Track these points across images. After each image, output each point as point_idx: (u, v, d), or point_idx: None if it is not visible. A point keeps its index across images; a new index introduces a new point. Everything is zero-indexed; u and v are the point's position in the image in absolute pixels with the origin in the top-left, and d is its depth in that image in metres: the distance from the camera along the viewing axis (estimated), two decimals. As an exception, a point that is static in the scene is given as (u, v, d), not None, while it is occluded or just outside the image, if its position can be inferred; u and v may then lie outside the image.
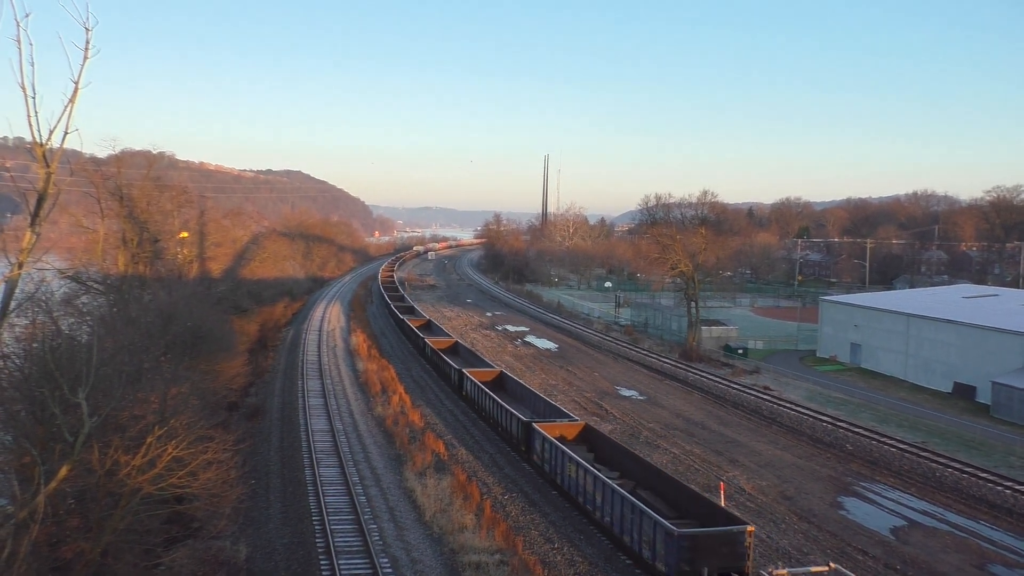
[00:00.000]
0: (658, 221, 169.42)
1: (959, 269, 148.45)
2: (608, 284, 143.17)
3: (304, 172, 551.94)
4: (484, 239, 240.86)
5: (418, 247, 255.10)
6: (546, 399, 44.13)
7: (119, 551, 20.52)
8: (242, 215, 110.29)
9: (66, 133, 16.56)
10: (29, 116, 16.06)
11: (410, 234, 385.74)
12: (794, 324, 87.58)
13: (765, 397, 54.04)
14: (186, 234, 63.32)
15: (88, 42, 16.15)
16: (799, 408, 50.77)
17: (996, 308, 63.29)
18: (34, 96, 15.80)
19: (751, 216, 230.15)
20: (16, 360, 22.45)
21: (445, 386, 55.52)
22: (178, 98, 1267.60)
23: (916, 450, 41.39)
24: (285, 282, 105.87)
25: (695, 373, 62.75)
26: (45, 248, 26.59)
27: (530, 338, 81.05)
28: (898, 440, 43.37)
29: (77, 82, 16.37)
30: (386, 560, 25.85)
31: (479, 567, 25.27)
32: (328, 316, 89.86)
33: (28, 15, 15.05)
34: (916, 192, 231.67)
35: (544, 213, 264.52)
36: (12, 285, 17.18)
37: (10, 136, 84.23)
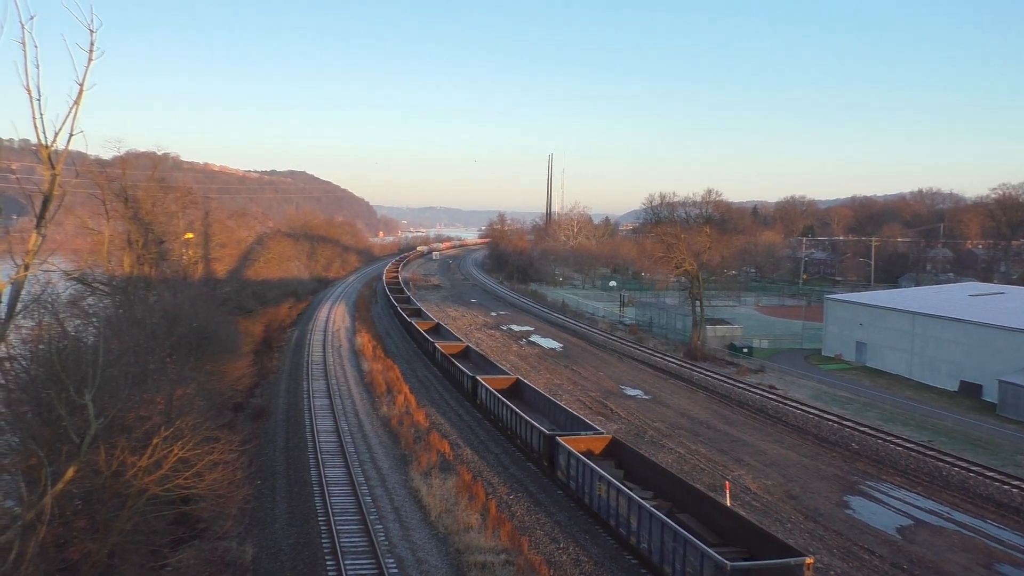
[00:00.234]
0: (662, 220, 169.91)
1: (965, 267, 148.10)
2: (612, 283, 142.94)
3: (308, 173, 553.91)
4: (488, 239, 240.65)
5: (422, 247, 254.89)
6: (569, 410, 41.42)
7: (126, 552, 20.56)
8: (246, 216, 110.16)
9: (71, 135, 16.55)
10: (34, 118, 16.09)
11: (414, 234, 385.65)
12: (799, 323, 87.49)
13: (770, 396, 53.93)
14: (191, 235, 63.44)
15: (92, 44, 16.15)
16: (804, 407, 50.67)
17: (1002, 306, 63.05)
18: (39, 98, 15.81)
19: (755, 215, 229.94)
20: (22, 362, 22.52)
21: (450, 386, 55.51)
22: (182, 99, 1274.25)
23: (922, 449, 41.26)
24: (290, 283, 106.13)
25: (700, 372, 62.69)
26: (51, 250, 26.59)
27: (535, 338, 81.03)
28: (904, 439, 43.25)
29: (82, 84, 16.37)
30: (392, 560, 25.86)
31: (484, 567, 25.26)
32: (333, 316, 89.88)
33: (33, 17, 15.03)
34: (921, 190, 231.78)
35: (548, 212, 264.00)
36: (18, 287, 17.21)
37: (15, 138, 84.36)
